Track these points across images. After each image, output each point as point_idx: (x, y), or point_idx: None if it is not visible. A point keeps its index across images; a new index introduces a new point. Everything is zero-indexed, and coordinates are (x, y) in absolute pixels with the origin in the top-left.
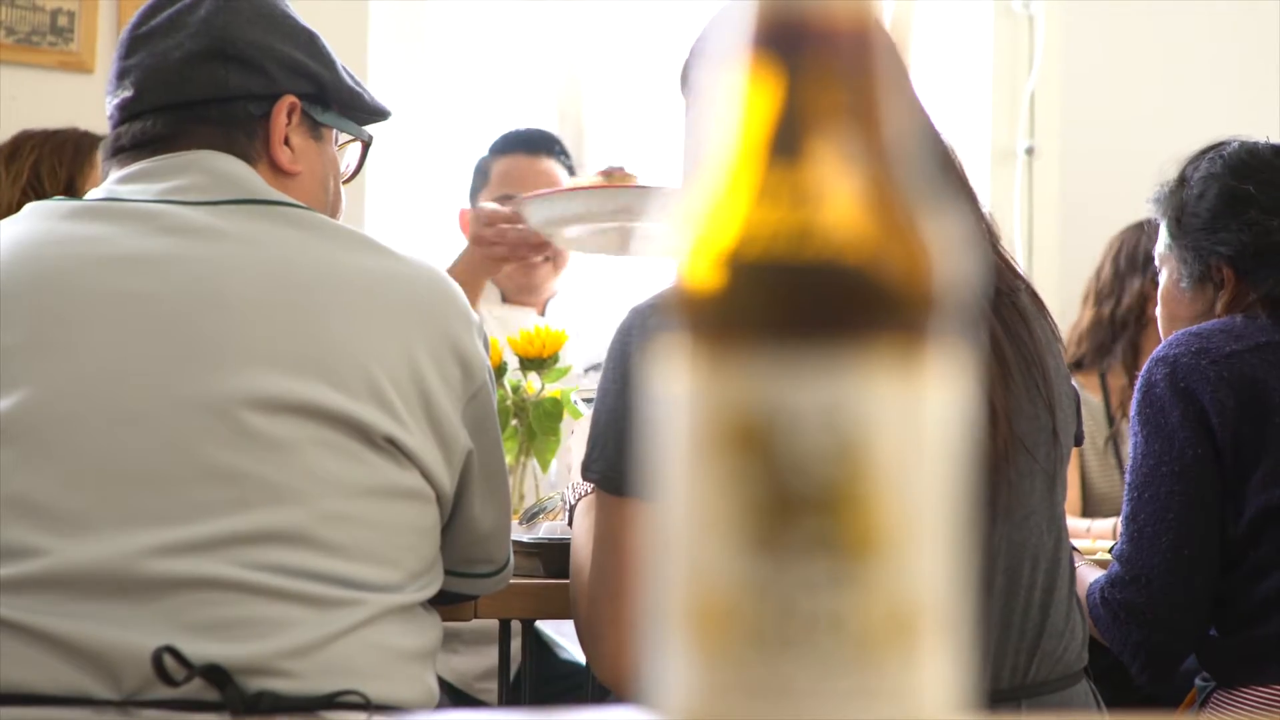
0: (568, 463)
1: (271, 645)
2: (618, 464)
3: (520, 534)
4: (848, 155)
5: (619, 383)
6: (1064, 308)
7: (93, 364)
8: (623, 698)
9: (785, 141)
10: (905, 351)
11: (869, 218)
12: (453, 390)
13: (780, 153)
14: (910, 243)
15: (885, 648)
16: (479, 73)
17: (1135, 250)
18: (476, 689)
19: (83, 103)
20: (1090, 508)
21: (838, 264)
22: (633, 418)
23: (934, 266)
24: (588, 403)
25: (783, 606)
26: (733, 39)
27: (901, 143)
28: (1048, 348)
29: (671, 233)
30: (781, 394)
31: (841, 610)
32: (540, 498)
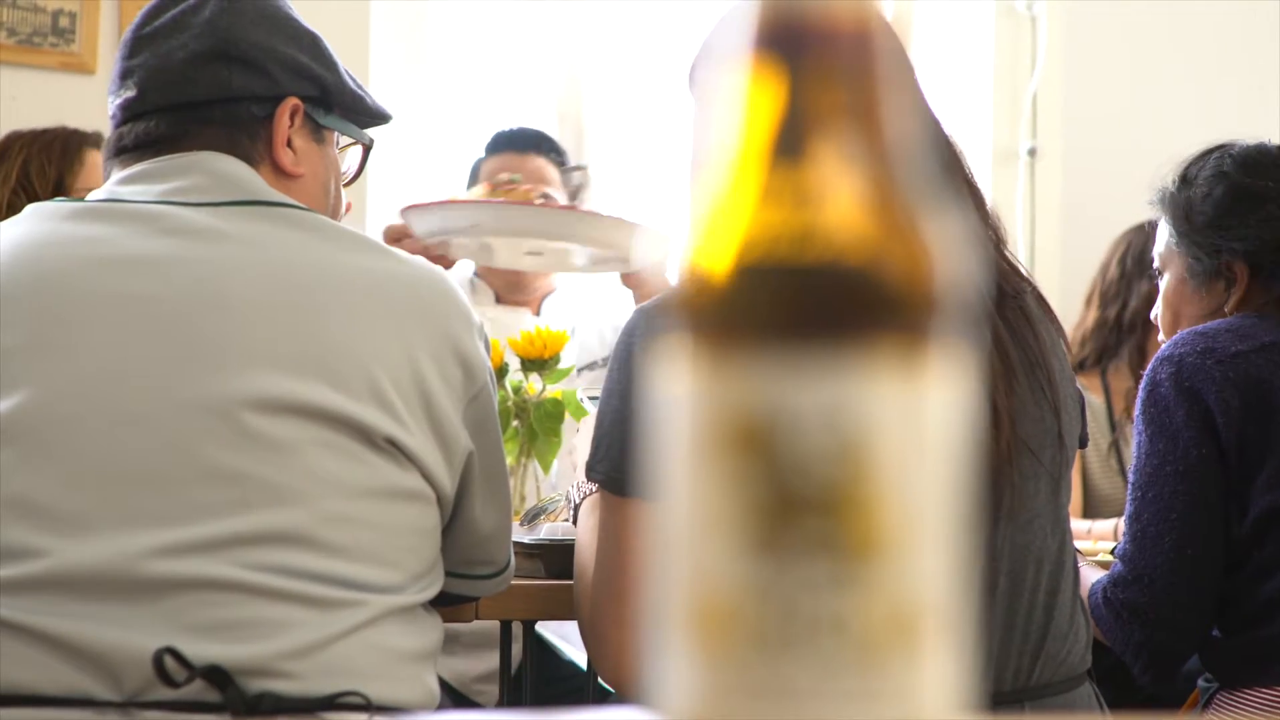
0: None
1: (272, 646)
2: (622, 465)
3: (521, 535)
4: (850, 156)
5: (623, 383)
6: (1066, 309)
7: (93, 365)
8: (626, 698)
9: (788, 143)
10: (907, 353)
11: (871, 219)
12: (454, 391)
13: (783, 154)
14: (912, 244)
15: (887, 649)
16: (479, 74)
17: (1142, 252)
18: (474, 690)
19: (84, 104)
20: (1092, 509)
21: (840, 265)
22: (637, 418)
23: (936, 268)
24: (593, 400)
25: (785, 607)
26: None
27: (904, 144)
28: (1053, 350)
29: (562, 248)
30: (784, 395)
31: (843, 611)
32: (541, 499)
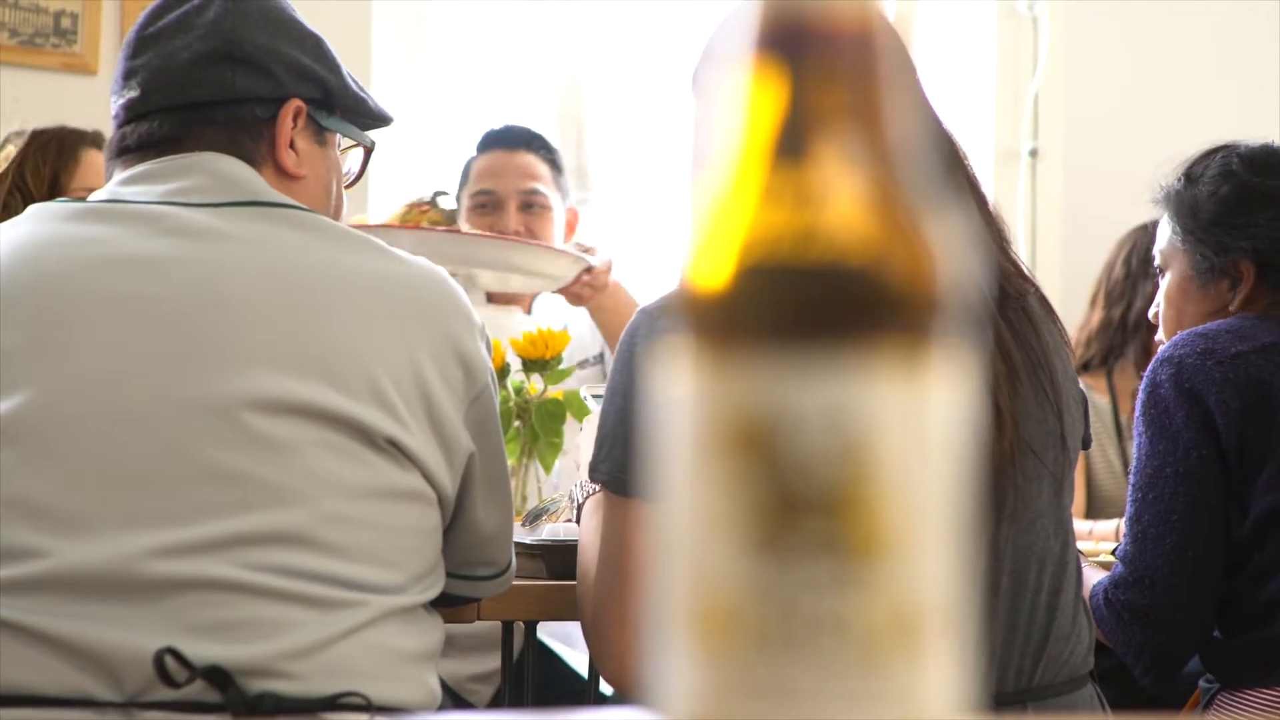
0: (575, 460)
1: (273, 646)
2: (625, 465)
3: (523, 536)
4: (852, 157)
5: (627, 384)
6: (1067, 309)
7: (94, 365)
8: (628, 698)
9: (789, 143)
10: (909, 353)
11: (873, 220)
12: (455, 392)
13: (784, 155)
14: (915, 245)
15: (889, 650)
16: (480, 74)
17: (1147, 252)
18: (467, 689)
19: (86, 104)
20: (1095, 510)
21: (842, 266)
22: (640, 419)
23: (938, 268)
24: (597, 399)
25: (786, 608)
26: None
27: (906, 144)
28: (1055, 351)
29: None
30: (786, 395)
31: (845, 612)
32: (543, 499)
